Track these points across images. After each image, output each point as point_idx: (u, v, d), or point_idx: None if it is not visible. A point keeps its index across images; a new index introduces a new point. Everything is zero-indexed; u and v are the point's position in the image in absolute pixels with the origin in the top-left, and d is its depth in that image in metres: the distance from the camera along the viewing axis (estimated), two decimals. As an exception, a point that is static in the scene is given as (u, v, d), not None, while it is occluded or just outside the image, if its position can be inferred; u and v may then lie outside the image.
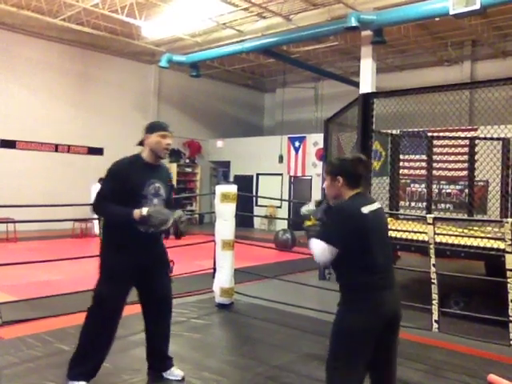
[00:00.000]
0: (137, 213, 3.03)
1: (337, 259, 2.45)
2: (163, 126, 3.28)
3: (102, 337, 3.23)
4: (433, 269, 4.29)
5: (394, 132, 7.69)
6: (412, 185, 10.12)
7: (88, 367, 3.22)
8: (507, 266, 3.90)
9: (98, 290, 3.23)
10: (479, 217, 8.10)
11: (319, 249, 2.45)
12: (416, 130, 8.22)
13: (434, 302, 4.27)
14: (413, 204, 10.29)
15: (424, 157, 8.21)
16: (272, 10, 11.04)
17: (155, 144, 3.19)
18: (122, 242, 3.19)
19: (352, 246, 2.43)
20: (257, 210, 15.63)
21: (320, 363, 3.90)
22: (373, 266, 2.45)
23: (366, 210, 2.47)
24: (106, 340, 3.25)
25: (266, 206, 15.31)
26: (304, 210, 2.77)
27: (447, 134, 8.82)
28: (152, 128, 3.26)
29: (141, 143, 3.30)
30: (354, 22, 9.35)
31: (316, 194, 12.03)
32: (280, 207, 15.57)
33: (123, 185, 3.10)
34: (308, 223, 2.72)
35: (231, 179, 16.54)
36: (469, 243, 4.76)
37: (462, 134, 9.21)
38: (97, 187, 12.30)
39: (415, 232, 5.16)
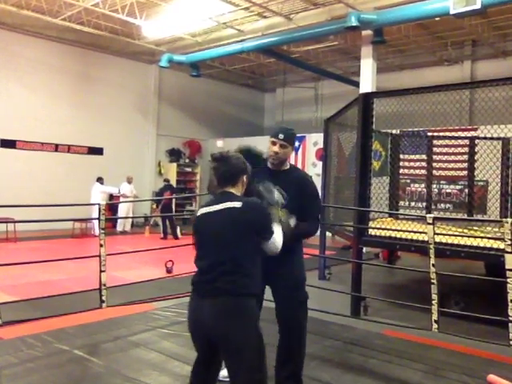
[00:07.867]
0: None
1: None
2: (273, 132, 3.12)
3: None
4: (432, 269, 4.28)
5: (393, 132, 7.69)
6: (412, 184, 10.12)
7: None
8: (507, 266, 3.89)
9: None
10: (479, 217, 8.11)
11: None
12: (416, 129, 8.22)
13: (433, 302, 4.26)
14: (413, 204, 10.28)
15: (424, 156, 8.21)
16: (272, 10, 11.04)
17: (268, 149, 3.10)
18: None
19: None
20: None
21: (320, 363, 3.92)
22: (198, 268, 2.46)
23: (202, 211, 2.50)
24: None
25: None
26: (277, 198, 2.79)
27: (447, 133, 8.82)
28: (271, 132, 3.17)
29: None
30: (354, 22, 9.34)
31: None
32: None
33: None
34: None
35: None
36: (469, 243, 4.75)
37: (462, 134, 9.22)
38: (97, 187, 12.37)
39: (415, 232, 5.15)
